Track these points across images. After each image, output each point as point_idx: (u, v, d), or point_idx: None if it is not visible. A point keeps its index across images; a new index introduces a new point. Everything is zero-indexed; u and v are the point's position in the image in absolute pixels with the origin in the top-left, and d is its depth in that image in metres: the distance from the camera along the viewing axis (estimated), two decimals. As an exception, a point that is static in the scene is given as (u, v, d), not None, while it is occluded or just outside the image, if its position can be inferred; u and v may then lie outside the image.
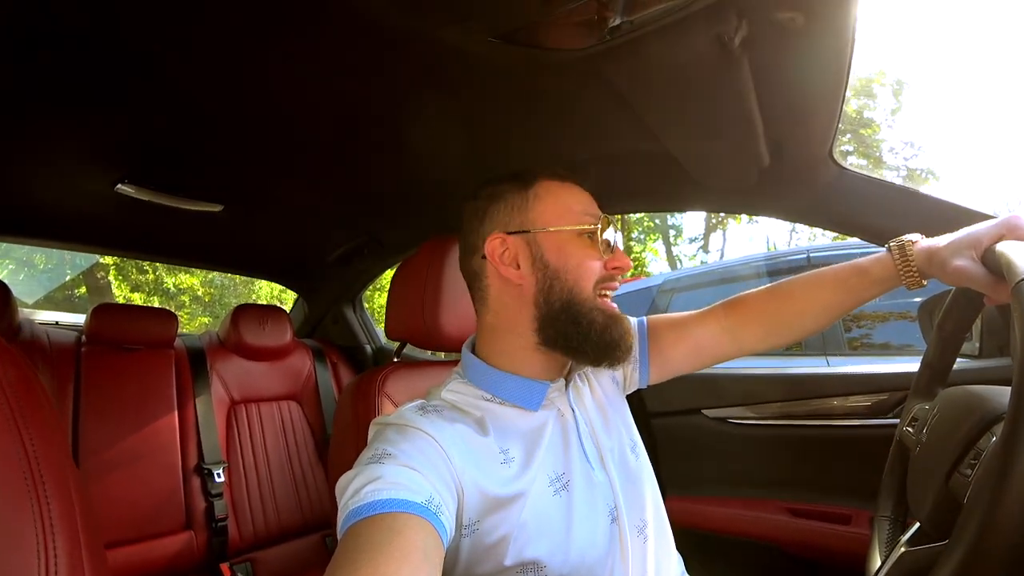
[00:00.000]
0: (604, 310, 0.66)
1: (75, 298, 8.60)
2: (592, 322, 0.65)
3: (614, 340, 0.65)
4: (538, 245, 0.68)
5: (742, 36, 0.63)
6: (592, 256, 0.67)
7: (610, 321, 0.66)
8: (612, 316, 0.67)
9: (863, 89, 8.45)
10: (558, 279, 0.66)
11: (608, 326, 0.65)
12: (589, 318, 0.65)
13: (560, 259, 0.67)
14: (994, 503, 0.36)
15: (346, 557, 0.43)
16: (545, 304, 0.67)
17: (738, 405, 1.27)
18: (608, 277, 0.68)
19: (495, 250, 0.69)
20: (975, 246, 0.58)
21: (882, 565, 0.57)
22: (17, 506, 0.41)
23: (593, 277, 0.66)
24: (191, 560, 1.45)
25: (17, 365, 0.48)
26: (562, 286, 0.66)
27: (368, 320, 2.24)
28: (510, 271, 0.68)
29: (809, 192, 1.02)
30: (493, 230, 0.69)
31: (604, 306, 0.67)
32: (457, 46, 0.70)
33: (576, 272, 0.66)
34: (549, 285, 0.67)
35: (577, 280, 0.66)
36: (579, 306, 0.66)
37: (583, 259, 0.67)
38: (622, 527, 0.64)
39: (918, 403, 0.69)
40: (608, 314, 0.66)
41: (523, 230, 0.68)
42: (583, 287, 0.66)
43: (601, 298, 0.67)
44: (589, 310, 0.65)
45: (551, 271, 0.67)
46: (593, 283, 0.66)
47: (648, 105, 0.83)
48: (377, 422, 0.63)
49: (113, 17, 0.68)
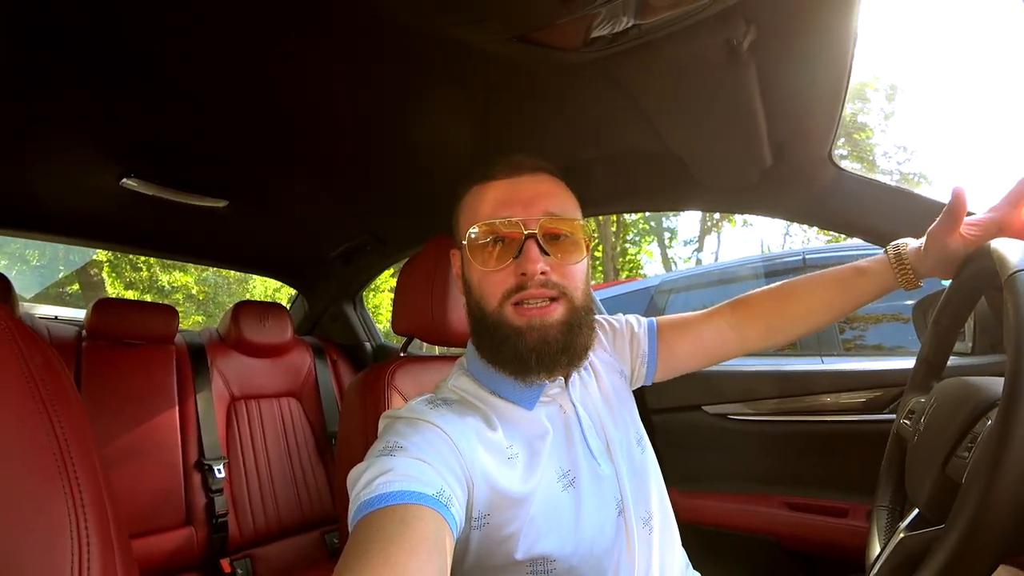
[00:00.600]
0: (507, 323, 0.62)
1: (67, 295, 8.51)
2: (493, 336, 0.63)
3: (518, 354, 0.62)
4: (463, 259, 0.69)
5: (750, 40, 0.65)
6: (490, 267, 0.63)
7: (512, 334, 0.62)
8: (515, 329, 0.62)
9: (857, 93, 8.53)
10: (471, 294, 0.67)
11: (508, 339, 0.62)
12: (492, 333, 0.63)
13: (469, 272, 0.67)
14: (990, 483, 0.38)
15: (358, 548, 0.44)
16: (470, 316, 0.69)
17: (738, 401, 1.29)
18: (515, 287, 0.62)
19: (454, 264, 0.73)
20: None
21: (882, 550, 0.58)
22: (50, 489, 0.42)
23: (495, 289, 0.63)
24: (191, 556, 1.45)
25: (44, 352, 0.48)
26: (474, 300, 0.66)
27: (368, 318, 2.25)
28: (459, 284, 0.72)
29: (808, 193, 1.04)
30: (454, 244, 0.73)
31: (509, 319, 0.63)
32: (467, 46, 0.72)
33: (480, 287, 0.65)
34: (468, 298, 0.68)
35: (481, 294, 0.65)
36: (484, 320, 0.64)
37: (483, 273, 0.64)
38: (628, 519, 0.65)
39: (915, 397, 0.70)
40: (512, 327, 0.62)
41: (459, 244, 0.70)
42: (487, 300, 0.64)
43: (513, 308, 0.62)
44: (492, 324, 0.63)
45: (467, 285, 0.68)
46: (498, 295, 0.63)
47: (656, 107, 0.85)
48: (387, 415, 0.64)
49: (120, 14, 0.69)
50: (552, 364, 0.62)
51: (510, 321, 0.62)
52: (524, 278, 0.61)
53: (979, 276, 0.62)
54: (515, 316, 0.62)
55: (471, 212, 0.67)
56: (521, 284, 0.61)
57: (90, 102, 0.92)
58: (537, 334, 0.61)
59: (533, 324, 0.61)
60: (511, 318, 0.62)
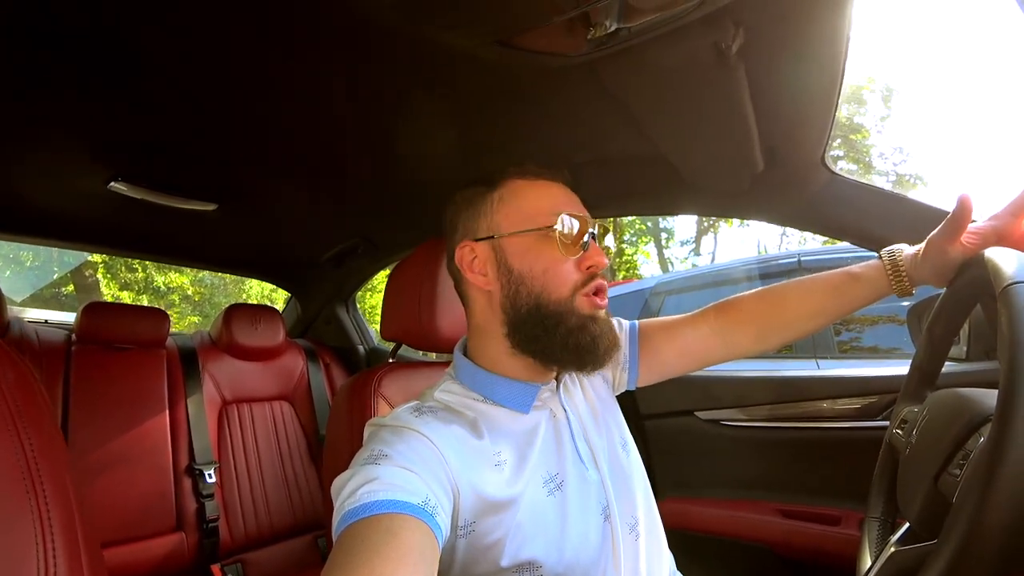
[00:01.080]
0: (580, 313, 0.64)
1: (62, 296, 8.48)
2: (559, 325, 0.63)
3: (585, 344, 0.63)
4: (502, 250, 0.67)
5: (739, 44, 0.64)
6: (559, 259, 0.64)
7: (583, 324, 0.63)
8: (587, 319, 0.64)
9: (853, 95, 8.57)
10: (524, 284, 0.65)
11: (579, 329, 0.63)
12: (557, 321, 0.63)
13: (524, 264, 0.65)
14: (982, 502, 0.37)
15: (343, 559, 0.43)
16: (512, 310, 0.66)
17: (730, 407, 1.28)
18: (587, 277, 0.65)
19: (464, 258, 0.69)
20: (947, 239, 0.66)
21: (872, 565, 0.58)
22: (16, 507, 0.41)
23: (565, 280, 0.64)
24: (182, 561, 1.44)
25: (15, 365, 0.47)
26: (528, 291, 0.65)
27: (361, 321, 2.24)
28: (478, 278, 0.68)
29: (801, 197, 1.03)
30: (464, 237, 0.70)
31: (581, 308, 0.64)
32: (455, 49, 0.71)
33: (543, 277, 0.64)
34: (515, 291, 0.66)
35: (545, 285, 0.64)
36: (548, 309, 0.64)
37: (550, 263, 0.64)
38: (614, 525, 0.65)
39: (907, 406, 0.70)
40: (584, 316, 0.64)
41: (488, 236, 0.68)
42: (552, 291, 0.64)
43: (585, 298, 0.65)
44: (560, 313, 0.63)
45: (515, 276, 0.66)
46: (569, 286, 0.64)
47: (645, 110, 0.84)
48: (372, 423, 0.63)
49: (106, 16, 0.68)
50: (609, 353, 0.65)
51: (582, 310, 0.64)
52: (592, 270, 0.65)
53: (974, 285, 0.61)
54: (587, 305, 0.64)
55: (527, 203, 0.67)
56: (592, 275, 0.65)
57: (75, 104, 0.91)
58: (604, 324, 0.65)
59: (599, 314, 0.65)
60: (583, 307, 0.64)
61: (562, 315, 0.63)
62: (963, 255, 0.64)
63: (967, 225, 0.63)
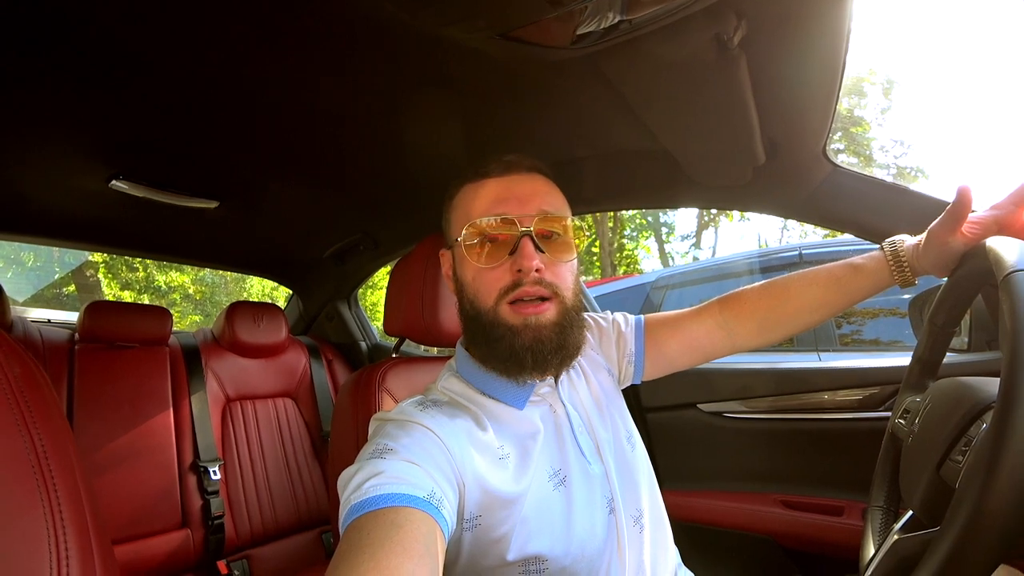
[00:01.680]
0: (503, 323, 0.62)
1: (64, 296, 8.49)
2: (489, 335, 0.63)
3: (503, 354, 0.63)
4: (455, 258, 0.69)
5: (740, 36, 0.64)
6: (484, 265, 0.63)
7: (504, 335, 0.62)
8: (509, 329, 0.62)
9: (854, 88, 8.53)
10: (464, 292, 0.67)
11: (499, 340, 0.62)
12: (487, 330, 0.63)
13: (462, 271, 0.67)
14: (985, 488, 0.38)
15: (349, 551, 0.43)
16: (462, 316, 0.68)
17: (733, 399, 1.28)
18: (511, 284, 0.62)
19: (443, 264, 0.73)
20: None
21: (876, 552, 0.58)
22: (28, 503, 0.41)
23: (490, 287, 0.63)
24: (187, 558, 1.45)
25: (23, 361, 0.48)
26: (467, 299, 0.66)
27: (363, 317, 2.24)
28: (450, 283, 0.72)
29: (802, 189, 1.03)
30: (443, 244, 0.73)
31: (504, 318, 0.62)
32: (455, 44, 0.71)
33: (473, 285, 0.65)
34: (461, 298, 0.68)
35: (476, 292, 0.65)
36: (478, 319, 0.64)
37: (477, 270, 0.64)
38: (619, 517, 0.65)
39: (909, 396, 0.70)
40: (507, 326, 0.62)
41: (449, 244, 0.70)
42: (480, 300, 0.64)
43: (509, 307, 0.62)
44: (486, 323, 0.63)
45: (459, 285, 0.68)
46: (493, 294, 0.63)
47: (646, 104, 0.84)
48: (377, 417, 0.63)
49: (105, 14, 0.68)
50: (545, 363, 0.63)
51: (505, 320, 0.62)
52: (520, 275, 0.62)
53: (975, 274, 0.61)
54: (511, 315, 0.62)
55: (465, 210, 0.67)
56: (517, 281, 0.62)
57: (75, 103, 0.91)
58: (532, 333, 0.62)
59: (528, 323, 0.62)
60: (507, 316, 0.62)
61: (490, 325, 0.63)
62: (964, 245, 0.64)
63: (967, 215, 0.63)
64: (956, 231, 0.64)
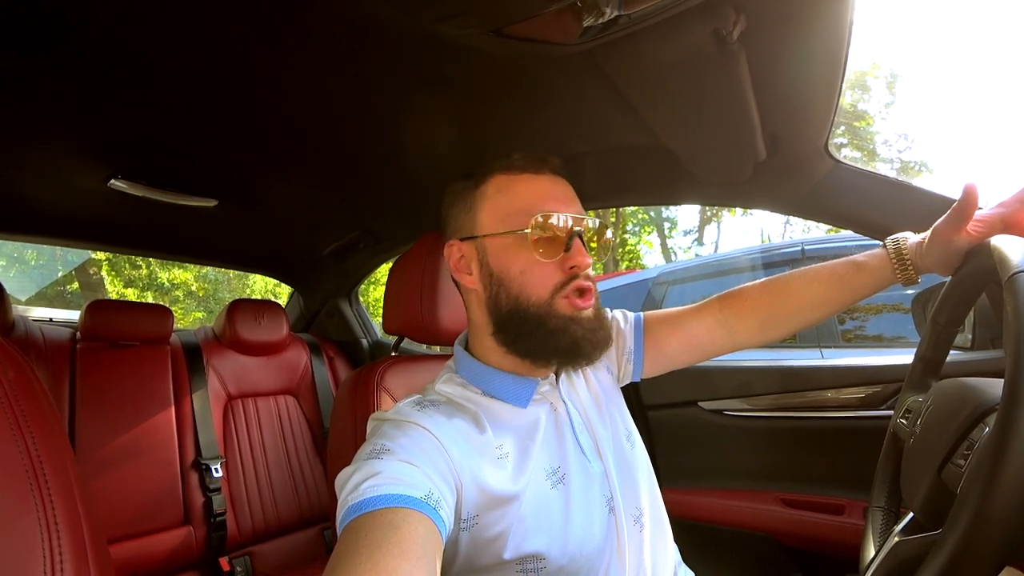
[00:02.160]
0: (559, 315, 0.63)
1: (68, 294, 8.53)
2: (539, 327, 0.63)
3: (565, 346, 0.63)
4: (484, 250, 0.66)
5: (740, 30, 0.63)
6: (536, 261, 0.63)
7: (563, 327, 0.63)
8: (567, 320, 0.63)
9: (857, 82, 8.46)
10: (503, 285, 0.65)
11: (559, 332, 0.62)
12: (537, 323, 0.63)
13: (503, 265, 0.65)
14: (986, 493, 0.37)
15: (346, 553, 0.43)
16: (495, 309, 0.66)
17: (733, 397, 1.28)
18: (567, 278, 0.64)
19: (451, 256, 0.70)
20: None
21: (876, 554, 0.58)
22: (22, 508, 0.41)
23: (545, 281, 0.63)
24: (190, 555, 1.46)
25: (17, 365, 0.47)
26: (507, 292, 0.64)
27: (364, 314, 2.24)
28: (464, 277, 0.69)
29: (804, 185, 1.02)
30: (451, 236, 0.70)
31: (561, 311, 0.63)
32: (452, 41, 0.70)
33: (521, 279, 0.64)
34: (496, 292, 0.65)
35: (523, 286, 0.64)
36: (527, 311, 0.63)
37: (526, 265, 0.64)
38: (618, 516, 0.65)
39: (912, 396, 0.69)
40: (564, 318, 0.63)
41: (471, 235, 0.68)
42: (531, 293, 0.63)
43: (564, 300, 0.63)
44: (539, 316, 0.63)
45: (496, 278, 0.66)
46: (549, 287, 0.63)
47: (645, 99, 0.83)
48: (375, 417, 0.63)
49: (104, 13, 0.67)
50: (598, 352, 0.65)
51: (562, 312, 0.63)
52: (574, 271, 0.63)
53: (980, 273, 0.61)
54: (567, 307, 0.63)
55: (505, 202, 0.66)
56: (572, 276, 0.63)
57: (73, 102, 0.90)
58: (586, 323, 0.64)
59: (581, 315, 0.64)
60: (563, 309, 0.63)
61: (542, 317, 0.63)
62: (969, 243, 0.63)
63: (973, 213, 0.63)
64: (961, 229, 0.63)
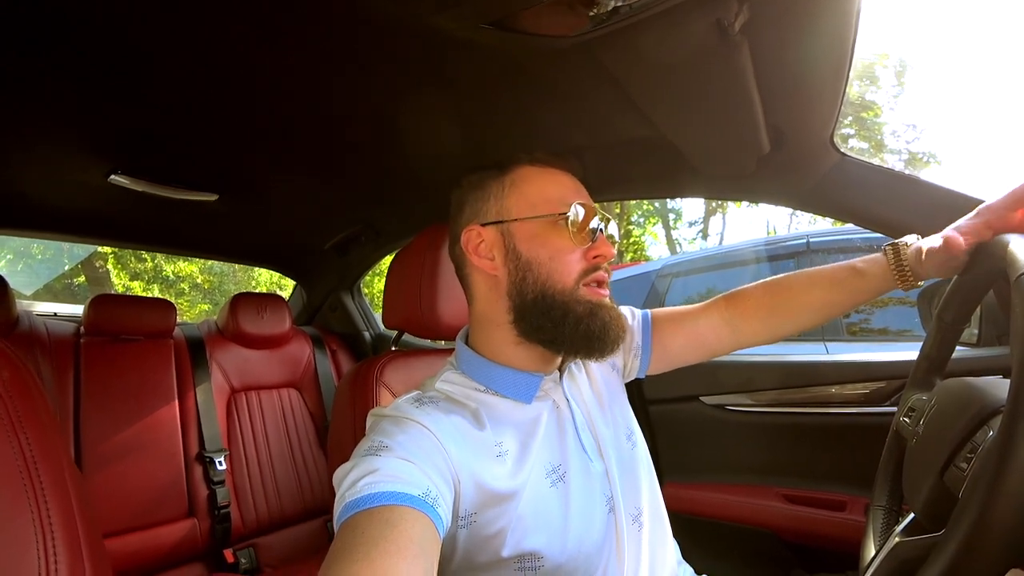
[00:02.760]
0: (585, 301, 0.64)
1: (75, 287, 8.60)
2: (567, 314, 0.63)
3: (593, 332, 0.63)
4: (511, 236, 0.66)
5: (742, 21, 0.61)
6: (567, 247, 0.65)
7: (592, 311, 0.63)
8: (595, 306, 0.64)
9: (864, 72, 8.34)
10: (531, 271, 0.65)
11: (586, 317, 0.63)
12: (564, 310, 0.63)
13: (532, 250, 0.65)
14: (988, 499, 0.37)
15: (343, 550, 0.43)
16: (519, 296, 0.65)
17: (736, 392, 1.27)
18: (591, 267, 0.65)
19: (470, 241, 0.69)
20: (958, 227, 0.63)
21: (876, 554, 0.57)
22: (16, 509, 0.41)
23: (572, 268, 0.64)
24: (194, 547, 1.47)
25: (14, 365, 0.47)
26: (535, 278, 0.65)
27: (366, 307, 2.24)
28: (485, 262, 0.68)
29: (809, 179, 1.00)
30: (470, 221, 0.69)
31: (586, 297, 0.64)
32: (450, 34, 0.69)
33: (549, 264, 0.64)
34: (522, 277, 0.65)
35: (551, 272, 0.64)
36: (553, 298, 0.64)
37: (557, 250, 0.64)
38: (618, 516, 0.65)
39: (915, 394, 0.69)
40: (591, 304, 0.64)
41: (497, 220, 0.67)
42: (558, 279, 0.64)
43: (587, 287, 0.65)
44: (565, 302, 0.63)
45: (523, 263, 0.65)
46: (574, 274, 0.64)
47: (645, 92, 0.81)
48: (373, 414, 0.63)
49: (103, 8, 0.67)
50: (618, 341, 0.65)
51: (587, 299, 0.64)
52: (598, 260, 0.65)
53: (988, 271, 0.59)
54: (592, 295, 0.64)
55: (533, 190, 0.67)
56: (597, 266, 0.65)
57: (72, 98, 0.90)
58: (609, 312, 0.65)
59: (605, 303, 0.65)
60: (588, 296, 0.64)
61: (567, 304, 0.63)
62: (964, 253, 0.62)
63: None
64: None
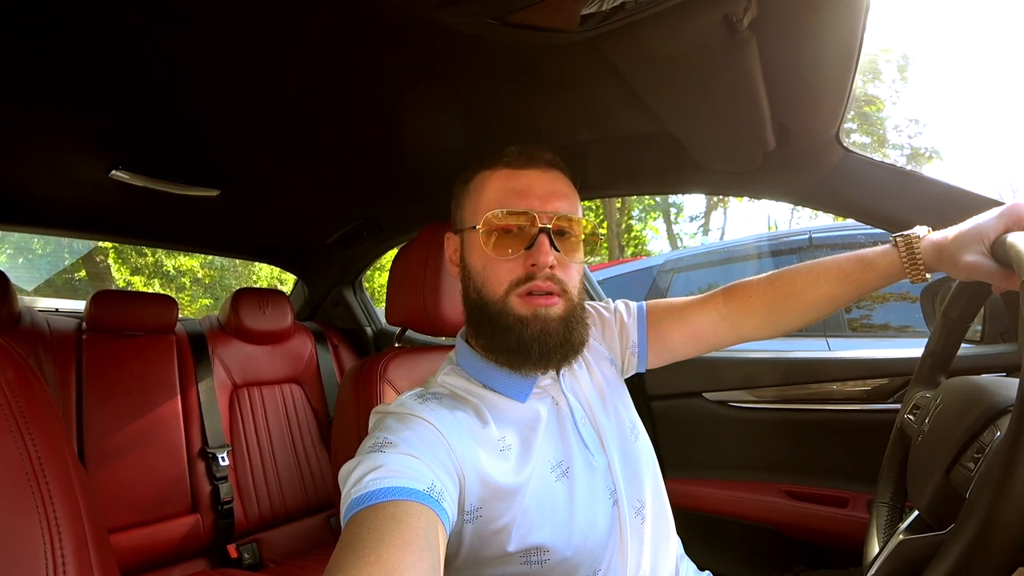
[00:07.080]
0: (512, 312, 0.63)
1: (75, 282, 8.59)
2: (496, 324, 0.63)
3: (511, 346, 0.62)
4: (464, 244, 0.69)
5: (751, 17, 0.61)
6: (497, 255, 0.63)
7: (512, 325, 0.62)
8: (524, 318, 0.62)
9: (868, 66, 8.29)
10: (472, 280, 0.67)
11: (507, 331, 0.62)
12: (494, 320, 0.63)
13: (471, 259, 0.67)
14: (997, 500, 0.36)
15: (350, 546, 0.43)
16: (467, 303, 0.68)
17: (738, 388, 1.27)
18: (525, 277, 0.63)
19: (447, 247, 0.73)
20: (982, 239, 0.59)
21: (880, 552, 0.57)
22: (22, 508, 0.41)
23: (501, 278, 0.64)
24: (198, 542, 1.48)
25: (16, 365, 0.47)
26: (474, 287, 0.66)
27: (368, 302, 2.24)
28: (454, 268, 0.71)
29: (814, 175, 1.00)
30: (451, 228, 0.73)
31: (514, 308, 0.63)
32: (454, 29, 0.68)
33: (483, 273, 0.65)
34: (468, 285, 0.68)
35: (484, 281, 0.65)
36: (486, 307, 0.64)
37: (488, 259, 0.64)
38: (621, 508, 0.65)
39: (920, 391, 0.69)
40: (518, 316, 0.62)
41: (459, 228, 0.70)
42: (490, 288, 0.64)
43: (519, 298, 0.63)
44: (496, 312, 0.63)
45: (467, 272, 0.68)
46: (504, 284, 0.63)
47: (651, 87, 0.81)
48: (377, 411, 0.63)
49: (103, 3, 0.66)
50: (550, 356, 0.63)
51: (514, 310, 0.63)
52: (534, 269, 0.62)
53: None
54: (520, 305, 0.63)
55: (481, 197, 0.67)
56: (530, 275, 0.63)
57: (73, 94, 0.89)
58: (540, 324, 0.62)
59: (538, 314, 0.62)
60: (516, 307, 0.63)
61: (497, 314, 0.64)
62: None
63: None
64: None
